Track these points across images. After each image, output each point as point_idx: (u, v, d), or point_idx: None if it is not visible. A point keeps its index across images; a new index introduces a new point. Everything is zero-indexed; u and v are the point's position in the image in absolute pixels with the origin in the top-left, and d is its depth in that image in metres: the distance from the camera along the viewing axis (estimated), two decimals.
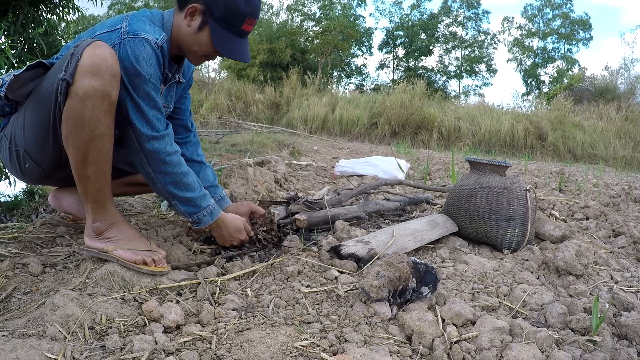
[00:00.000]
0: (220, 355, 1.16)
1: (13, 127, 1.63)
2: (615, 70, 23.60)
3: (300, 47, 22.57)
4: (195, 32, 1.69)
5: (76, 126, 1.43)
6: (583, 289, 1.67)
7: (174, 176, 1.69)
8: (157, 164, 1.65)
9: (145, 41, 1.55)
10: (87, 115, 1.43)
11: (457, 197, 2.32)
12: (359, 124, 13.62)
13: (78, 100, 1.41)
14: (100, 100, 1.43)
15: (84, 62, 1.41)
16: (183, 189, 1.72)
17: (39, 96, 1.53)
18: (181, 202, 1.75)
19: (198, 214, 1.79)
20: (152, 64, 1.57)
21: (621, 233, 2.53)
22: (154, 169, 1.66)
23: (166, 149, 1.65)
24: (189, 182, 1.74)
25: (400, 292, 1.45)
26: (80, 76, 1.41)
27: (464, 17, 33.05)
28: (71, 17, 4.21)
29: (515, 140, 12.58)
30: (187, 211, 1.77)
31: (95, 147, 1.48)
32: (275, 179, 3.78)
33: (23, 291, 1.46)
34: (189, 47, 1.74)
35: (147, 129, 1.61)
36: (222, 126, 12.94)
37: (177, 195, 1.73)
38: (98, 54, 1.42)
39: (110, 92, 1.45)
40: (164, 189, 1.71)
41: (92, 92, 1.41)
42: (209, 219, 1.82)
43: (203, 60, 1.81)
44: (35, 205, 3.54)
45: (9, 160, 1.69)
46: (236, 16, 1.66)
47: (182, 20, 1.69)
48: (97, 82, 1.41)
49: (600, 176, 5.70)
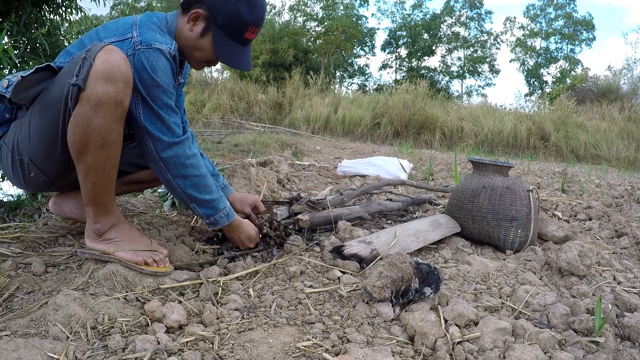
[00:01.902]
0: (223, 355, 1.16)
1: (16, 135, 1.57)
2: (618, 71, 23.57)
3: (302, 47, 22.58)
4: (198, 38, 1.67)
5: (86, 133, 1.40)
6: (586, 290, 1.67)
7: (194, 179, 1.68)
8: (177, 168, 1.64)
9: (159, 52, 1.53)
10: (99, 122, 1.40)
11: (460, 197, 2.32)
12: (361, 124, 13.61)
13: (90, 106, 1.38)
14: (113, 108, 1.41)
15: (97, 67, 1.37)
16: (202, 191, 1.71)
17: (47, 102, 1.49)
18: (200, 205, 1.74)
19: (215, 216, 1.79)
20: (167, 74, 1.56)
21: (624, 234, 2.52)
22: (173, 174, 1.65)
23: (186, 152, 1.64)
24: (209, 185, 1.73)
25: (402, 292, 1.44)
26: (93, 82, 1.38)
27: (466, 17, 33.02)
28: (74, 17, 4.22)
29: (517, 141, 12.57)
30: (205, 213, 1.77)
31: (104, 154, 1.46)
32: (278, 179, 3.78)
33: (25, 291, 1.47)
34: (191, 52, 1.73)
35: (168, 136, 1.59)
36: (224, 126, 12.95)
37: (197, 199, 1.72)
38: (112, 60, 1.39)
39: (123, 99, 1.43)
40: (183, 193, 1.69)
41: (105, 99, 1.39)
42: (225, 221, 1.82)
43: (204, 65, 1.80)
44: (37, 205, 3.55)
45: (11, 170, 1.63)
46: (239, 24, 1.65)
47: (185, 24, 1.68)
48: (111, 89, 1.39)
49: (603, 177, 5.68)
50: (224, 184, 2.16)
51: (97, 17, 13.61)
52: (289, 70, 18.93)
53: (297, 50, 21.47)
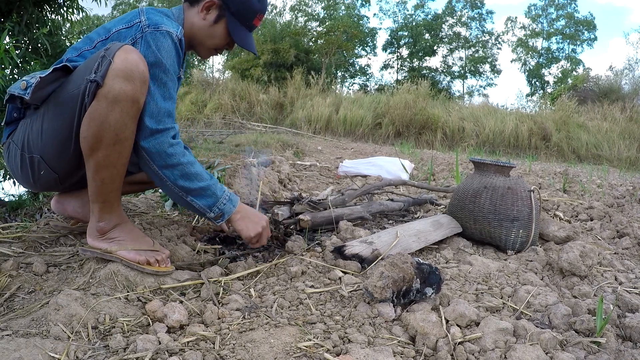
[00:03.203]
0: (224, 355, 1.16)
1: (26, 133, 1.58)
2: (619, 71, 23.52)
3: (304, 47, 22.57)
4: (211, 25, 1.78)
5: (101, 129, 1.42)
6: (587, 290, 1.67)
7: (181, 167, 1.58)
8: (160, 157, 1.56)
9: (167, 34, 1.57)
10: (114, 118, 1.42)
11: (461, 197, 2.32)
12: (362, 124, 13.61)
13: (107, 103, 1.40)
14: (129, 105, 1.43)
15: (117, 65, 1.40)
16: (194, 179, 1.61)
17: (62, 99, 1.50)
18: (197, 196, 1.64)
19: (218, 204, 1.68)
20: (172, 56, 1.59)
21: (625, 234, 2.52)
22: (158, 165, 1.57)
23: (169, 140, 1.57)
24: (198, 171, 1.63)
25: (404, 292, 1.44)
26: (111, 79, 1.40)
27: (467, 17, 32.99)
28: (75, 17, 4.22)
29: (519, 141, 12.55)
30: (207, 204, 1.66)
31: (116, 151, 1.47)
32: (279, 179, 3.78)
33: (27, 290, 1.47)
34: (202, 40, 1.81)
35: (152, 122, 1.53)
36: (226, 126, 12.96)
37: (190, 189, 1.61)
38: (130, 59, 1.42)
39: (139, 98, 1.45)
40: (174, 186, 1.60)
41: (122, 96, 1.41)
42: (231, 206, 1.72)
43: (213, 53, 1.89)
44: (39, 204, 3.56)
45: (20, 168, 1.64)
46: (249, 11, 1.78)
47: (195, 14, 1.77)
48: (129, 86, 1.41)
49: (605, 177, 5.68)
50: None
51: (98, 17, 13.62)
52: (290, 70, 18.91)
53: (299, 51, 21.46)
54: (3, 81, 2.75)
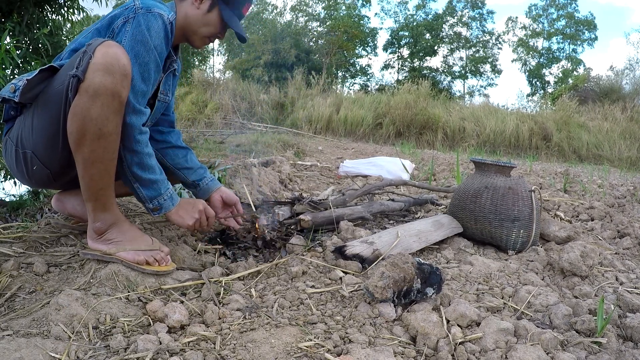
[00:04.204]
0: (225, 355, 1.16)
1: (20, 129, 1.62)
2: (620, 71, 23.46)
3: (304, 47, 22.60)
4: (205, 14, 1.82)
5: (84, 123, 1.43)
6: (588, 290, 1.67)
7: (140, 156, 1.64)
8: (129, 140, 1.60)
9: (159, 16, 1.62)
10: (96, 112, 1.43)
11: (462, 197, 2.32)
12: (363, 124, 13.60)
13: (88, 97, 1.41)
14: (110, 99, 1.44)
15: (97, 59, 1.41)
16: (146, 170, 1.67)
17: (49, 95, 1.53)
18: (144, 186, 1.69)
19: (159, 198, 1.73)
20: (160, 37, 1.63)
21: (626, 234, 2.51)
22: (125, 145, 1.60)
23: (141, 127, 1.63)
24: (153, 165, 1.69)
25: (404, 293, 1.44)
26: (91, 73, 1.41)
27: (468, 17, 32.96)
28: (76, 17, 4.23)
29: (520, 141, 12.54)
30: (149, 195, 1.70)
31: (101, 146, 1.48)
32: (280, 179, 3.78)
33: (27, 291, 1.47)
34: (196, 29, 1.85)
35: (135, 100, 1.58)
36: (226, 126, 12.95)
37: (140, 178, 1.67)
38: (111, 53, 1.43)
39: (120, 91, 1.46)
40: (129, 170, 1.65)
41: (102, 90, 1.42)
42: (170, 204, 1.76)
43: (206, 42, 1.93)
44: (40, 204, 3.56)
45: (15, 164, 1.68)
46: (239, 0, 1.87)
47: (188, 5, 1.82)
48: (109, 79, 1.42)
49: (605, 177, 5.67)
50: (212, 178, 2.13)
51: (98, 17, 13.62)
52: (291, 70, 18.93)
53: (299, 51, 21.49)
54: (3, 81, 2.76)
